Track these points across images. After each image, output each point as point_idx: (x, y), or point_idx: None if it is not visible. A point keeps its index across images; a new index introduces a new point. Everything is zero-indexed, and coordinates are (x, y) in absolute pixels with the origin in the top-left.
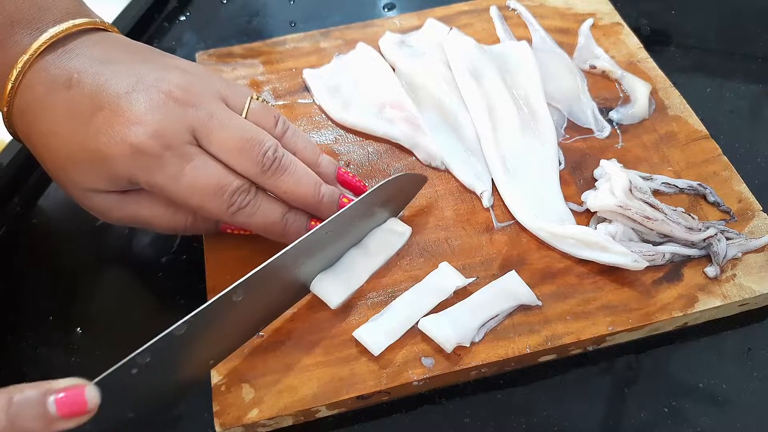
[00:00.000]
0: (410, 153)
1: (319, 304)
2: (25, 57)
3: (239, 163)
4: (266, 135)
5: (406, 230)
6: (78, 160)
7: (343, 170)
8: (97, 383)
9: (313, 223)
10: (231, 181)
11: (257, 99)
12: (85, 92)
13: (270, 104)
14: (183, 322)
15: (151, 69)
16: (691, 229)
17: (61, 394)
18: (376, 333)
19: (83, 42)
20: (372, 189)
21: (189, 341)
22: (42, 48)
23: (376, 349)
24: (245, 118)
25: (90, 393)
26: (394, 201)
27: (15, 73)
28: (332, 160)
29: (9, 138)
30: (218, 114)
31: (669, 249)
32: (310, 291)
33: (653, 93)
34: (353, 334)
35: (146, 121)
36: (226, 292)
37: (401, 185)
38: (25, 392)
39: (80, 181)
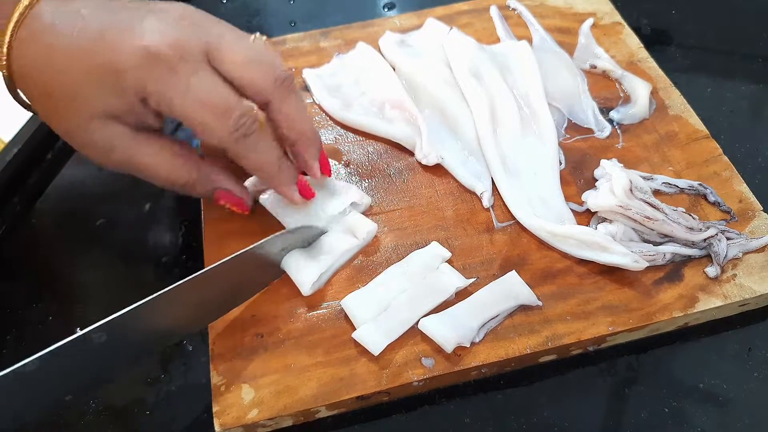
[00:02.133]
0: (410, 153)
1: (317, 304)
2: (26, 2)
3: (251, 78)
4: (278, 59)
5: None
6: (87, 76)
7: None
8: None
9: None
10: (240, 103)
11: (261, 38)
12: (94, 18)
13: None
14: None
15: (157, 4)
16: (691, 229)
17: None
18: (376, 333)
19: None
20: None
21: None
22: None
23: (375, 348)
24: None
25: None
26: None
27: (21, 6)
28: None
29: (9, 138)
30: (229, 34)
31: (669, 249)
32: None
33: (654, 93)
34: (353, 335)
35: (162, 31)
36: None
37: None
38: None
39: (87, 104)
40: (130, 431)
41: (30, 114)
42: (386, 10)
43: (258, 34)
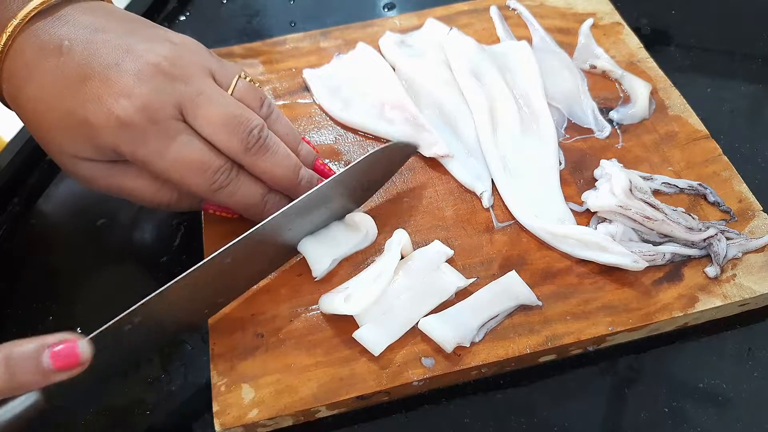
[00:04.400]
0: None
1: (317, 304)
2: (15, 21)
3: (223, 140)
4: (252, 114)
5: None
6: (65, 126)
7: (321, 162)
8: (90, 339)
9: None
10: (214, 159)
11: (245, 78)
12: (74, 60)
13: (257, 85)
14: (172, 283)
15: (141, 40)
16: (691, 229)
17: (56, 348)
18: (376, 333)
19: (75, 9)
20: (361, 159)
21: (179, 300)
22: (33, 13)
23: (376, 349)
24: (231, 95)
25: (83, 347)
26: (381, 172)
27: (5, 37)
28: (312, 150)
29: (9, 138)
30: (206, 90)
31: (669, 249)
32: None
33: (653, 93)
34: (353, 335)
35: (134, 93)
36: (216, 255)
37: (389, 155)
38: (23, 346)
39: (66, 148)
40: (130, 431)
41: None
42: (386, 10)
43: (242, 74)
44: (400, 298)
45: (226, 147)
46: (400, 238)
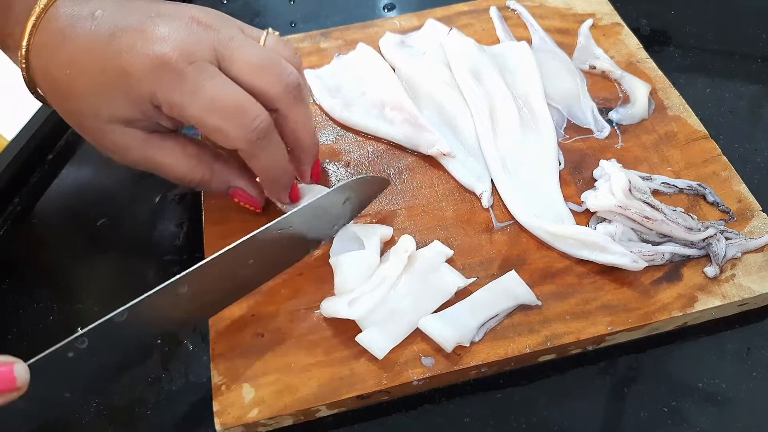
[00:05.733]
0: (410, 153)
1: (318, 304)
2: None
3: (263, 82)
4: (286, 61)
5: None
6: (100, 84)
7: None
8: (30, 364)
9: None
10: (252, 103)
11: (274, 33)
12: (107, 21)
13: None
14: (123, 309)
15: (170, 5)
16: (690, 229)
17: None
18: (379, 337)
19: None
20: (335, 187)
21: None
22: None
23: (379, 353)
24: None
25: (19, 371)
26: (356, 201)
27: (38, 9)
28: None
29: (10, 137)
30: (238, 37)
31: (668, 249)
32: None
33: (653, 93)
34: (356, 338)
35: (169, 38)
36: (172, 282)
37: (362, 186)
38: None
39: (103, 111)
40: (130, 431)
41: (32, 113)
42: (386, 10)
43: (270, 30)
44: (402, 301)
45: (265, 89)
46: (406, 246)
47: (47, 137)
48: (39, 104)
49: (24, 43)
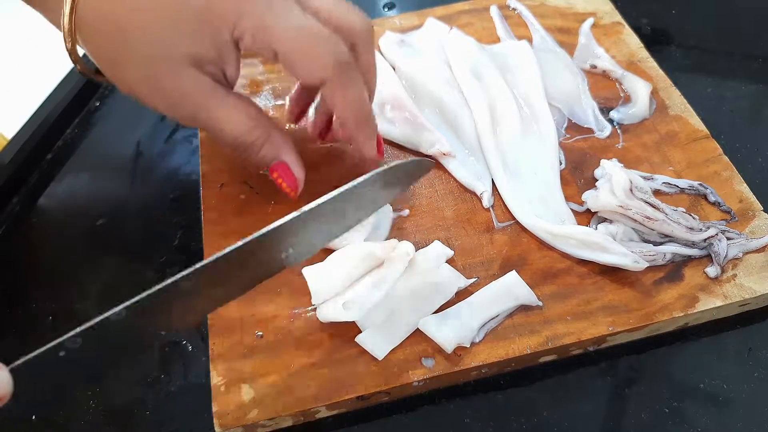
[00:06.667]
0: (410, 153)
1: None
2: None
3: (347, 20)
4: None
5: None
6: (178, 18)
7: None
8: (12, 369)
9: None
10: (333, 34)
11: None
12: None
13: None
14: (122, 308)
15: None
16: (691, 229)
17: None
18: (379, 338)
19: None
20: (376, 171)
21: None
22: None
23: (379, 354)
24: None
25: (1, 378)
26: (397, 185)
27: None
28: None
29: (10, 136)
30: None
31: (670, 249)
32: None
33: (654, 93)
34: (356, 339)
35: None
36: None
37: (406, 170)
38: None
39: (177, 48)
40: (130, 431)
41: (31, 112)
42: (386, 9)
43: None
44: (402, 302)
45: (349, 25)
46: (407, 250)
47: (47, 136)
48: (38, 103)
49: None
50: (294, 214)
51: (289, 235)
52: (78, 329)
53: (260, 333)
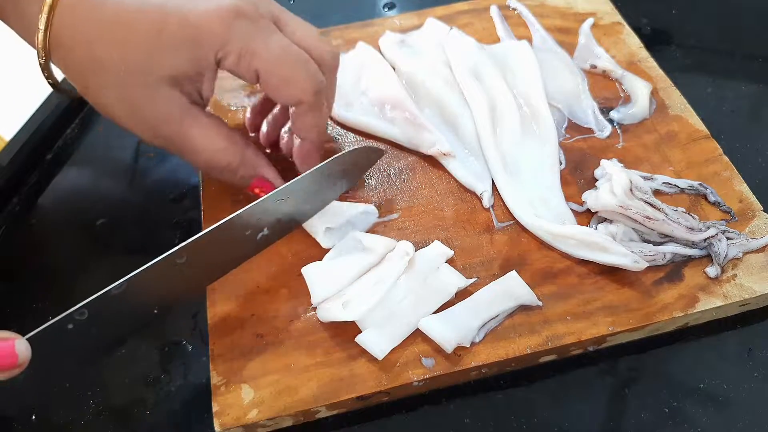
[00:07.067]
0: (410, 153)
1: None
2: None
3: (318, 47)
4: None
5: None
6: (156, 41)
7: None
8: (29, 338)
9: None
10: (311, 60)
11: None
12: None
13: None
14: (122, 281)
15: None
16: (691, 229)
17: None
18: (379, 337)
19: None
20: (329, 160)
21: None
22: None
23: (379, 353)
24: None
25: (20, 347)
26: (350, 173)
27: None
28: None
29: (9, 136)
30: (286, 11)
31: (670, 249)
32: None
33: (654, 93)
34: (356, 339)
35: None
36: (169, 255)
37: (356, 158)
38: None
39: (155, 65)
40: (130, 431)
41: (31, 112)
42: (386, 9)
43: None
44: (402, 302)
45: (320, 54)
46: (406, 250)
47: (46, 136)
48: (38, 103)
49: (48, 2)
50: (267, 195)
51: (263, 214)
52: (83, 302)
53: (260, 333)
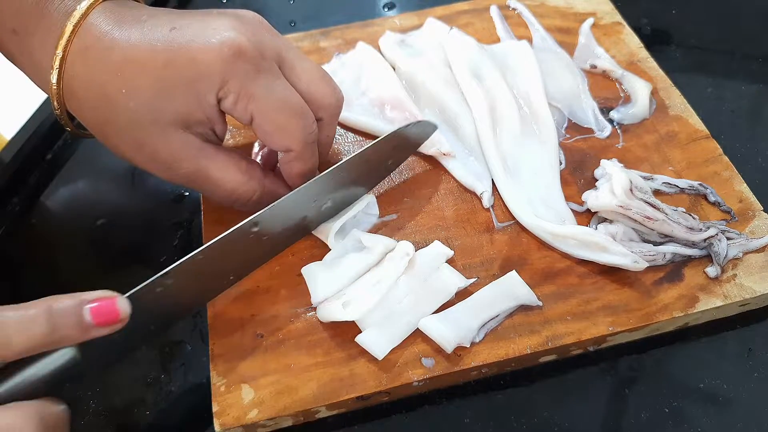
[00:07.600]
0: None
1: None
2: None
3: (322, 94)
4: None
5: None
6: (164, 80)
7: None
8: (128, 296)
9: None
10: (308, 109)
11: None
12: (159, 20)
13: None
14: (202, 249)
15: (224, 10)
16: (691, 229)
17: (95, 304)
18: (379, 337)
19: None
20: (387, 134)
21: (207, 265)
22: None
23: (379, 353)
24: None
25: (121, 304)
26: (402, 149)
27: (78, 12)
28: None
29: (10, 136)
30: (293, 49)
31: (670, 249)
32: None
33: (654, 93)
34: (356, 339)
35: (240, 29)
36: (245, 224)
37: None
38: (63, 301)
39: (164, 111)
40: (130, 431)
41: (31, 112)
42: (386, 9)
43: None
44: (402, 302)
45: (320, 99)
46: (406, 250)
47: (46, 136)
48: (38, 103)
49: (59, 52)
50: (318, 176)
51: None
52: (166, 269)
53: (260, 333)
